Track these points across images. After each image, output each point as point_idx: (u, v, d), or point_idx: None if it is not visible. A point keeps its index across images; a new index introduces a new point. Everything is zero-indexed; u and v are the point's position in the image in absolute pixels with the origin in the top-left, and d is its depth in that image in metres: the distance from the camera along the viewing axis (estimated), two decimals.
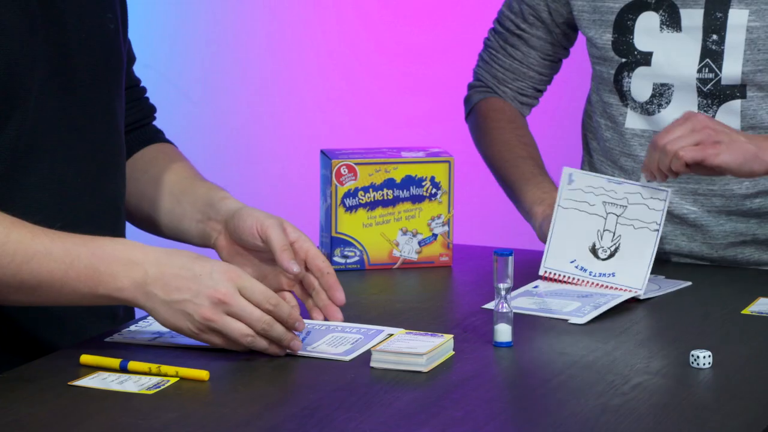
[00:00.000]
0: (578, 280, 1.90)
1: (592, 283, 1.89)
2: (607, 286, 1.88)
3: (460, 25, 3.28)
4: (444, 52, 3.29)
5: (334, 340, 1.68)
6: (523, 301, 1.84)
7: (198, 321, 1.60)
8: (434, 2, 3.30)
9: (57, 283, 1.60)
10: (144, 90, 1.96)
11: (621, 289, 1.87)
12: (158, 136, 1.94)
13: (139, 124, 1.93)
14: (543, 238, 2.01)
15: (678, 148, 1.84)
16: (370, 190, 2.00)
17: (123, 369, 1.58)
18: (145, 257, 1.61)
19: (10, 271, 1.59)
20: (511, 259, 1.70)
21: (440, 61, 3.29)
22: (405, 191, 2.01)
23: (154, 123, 1.97)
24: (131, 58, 1.91)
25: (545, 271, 1.92)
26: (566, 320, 1.78)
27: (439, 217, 2.03)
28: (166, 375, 1.57)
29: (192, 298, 1.60)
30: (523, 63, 2.16)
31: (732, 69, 1.99)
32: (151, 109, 1.96)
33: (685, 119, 1.88)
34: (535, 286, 1.90)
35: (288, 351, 1.64)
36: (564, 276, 1.91)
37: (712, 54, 1.99)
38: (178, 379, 1.56)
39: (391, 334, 1.68)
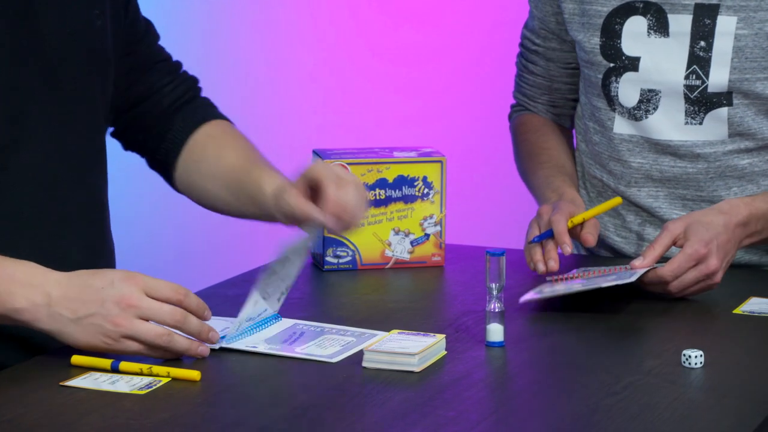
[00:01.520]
0: (586, 273, 1.90)
1: (599, 271, 1.89)
2: (615, 269, 1.88)
3: (453, 25, 3.28)
4: (436, 52, 3.29)
5: (324, 342, 1.68)
6: (556, 287, 1.83)
7: (110, 330, 1.58)
8: (426, 3, 3.30)
9: None
10: (179, 64, 1.93)
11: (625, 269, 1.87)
12: (208, 112, 1.92)
13: (185, 98, 1.91)
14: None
15: (688, 292, 1.86)
16: None
17: (114, 369, 1.58)
18: (45, 279, 1.59)
19: None
20: (503, 259, 1.70)
21: (433, 61, 3.29)
22: (397, 191, 2.01)
23: (201, 95, 1.95)
24: (155, 35, 1.89)
25: (551, 277, 1.92)
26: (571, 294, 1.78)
27: (431, 216, 2.03)
28: (157, 375, 1.57)
29: (99, 310, 1.57)
30: (545, 77, 2.17)
31: (719, 76, 1.99)
32: (193, 80, 1.94)
33: (696, 260, 1.84)
34: (548, 280, 1.89)
35: (271, 350, 1.64)
36: (569, 274, 1.91)
37: (699, 61, 1.99)
38: (169, 379, 1.56)
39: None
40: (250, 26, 3.36)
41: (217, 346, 1.64)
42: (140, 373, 1.57)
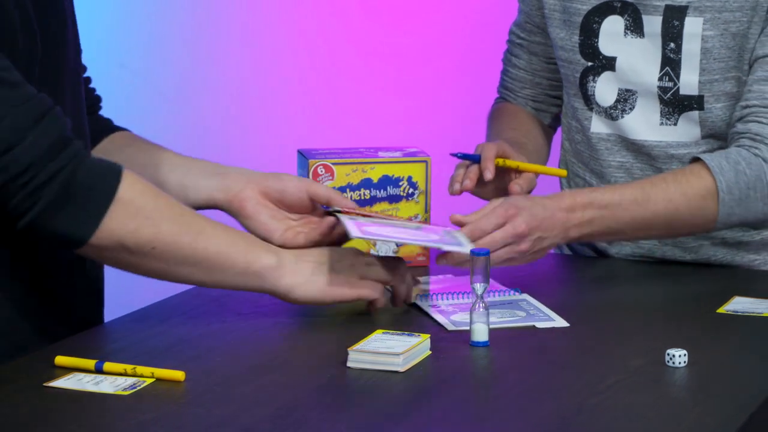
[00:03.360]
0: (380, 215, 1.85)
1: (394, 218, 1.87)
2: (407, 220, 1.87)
3: (438, 26, 3.28)
4: (422, 53, 3.29)
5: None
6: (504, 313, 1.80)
7: (351, 278, 1.74)
8: (412, 3, 3.30)
9: (222, 256, 1.68)
10: (89, 79, 1.96)
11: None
12: (110, 125, 1.94)
13: (89, 111, 1.92)
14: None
15: (495, 257, 1.80)
16: (347, 190, 2.00)
17: (98, 370, 1.57)
18: (279, 250, 1.73)
19: (187, 243, 1.66)
20: (487, 259, 1.70)
21: (418, 61, 3.29)
22: (382, 191, 2.01)
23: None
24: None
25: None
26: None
27: (416, 217, 2.03)
28: (141, 376, 1.56)
29: (337, 260, 1.73)
30: (528, 71, 2.17)
31: (689, 78, 1.99)
32: (98, 99, 1.96)
33: (504, 219, 1.82)
34: (433, 304, 1.82)
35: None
36: (361, 211, 1.85)
37: (671, 62, 2.00)
38: (153, 379, 1.56)
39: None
40: (235, 25, 3.36)
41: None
42: (124, 374, 1.57)
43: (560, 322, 1.77)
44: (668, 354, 1.63)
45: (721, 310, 1.84)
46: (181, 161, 1.88)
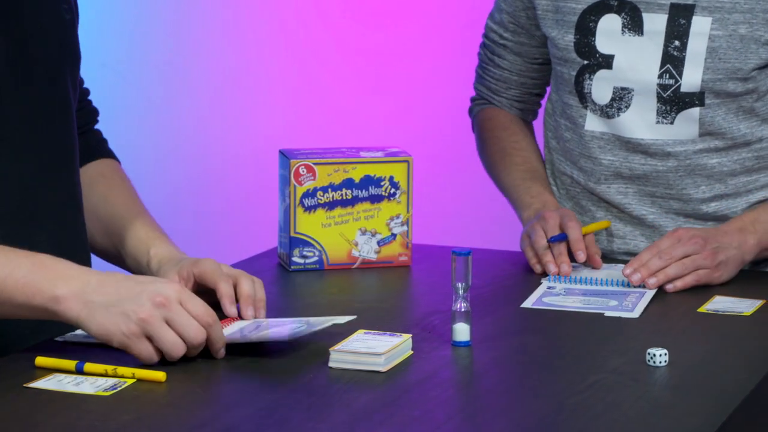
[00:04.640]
0: (580, 284, 1.91)
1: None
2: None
3: (420, 26, 3.29)
4: (404, 53, 3.29)
5: (278, 323, 1.67)
6: (558, 299, 1.84)
7: (133, 323, 1.57)
8: (393, 3, 3.30)
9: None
10: (87, 91, 1.94)
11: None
12: (100, 148, 1.92)
13: (81, 130, 1.90)
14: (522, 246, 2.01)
15: (695, 267, 1.90)
16: (329, 190, 2.00)
17: (79, 371, 1.57)
18: (85, 273, 1.60)
19: None
20: (469, 258, 1.70)
21: (400, 61, 3.29)
22: (364, 191, 2.02)
23: (97, 127, 1.95)
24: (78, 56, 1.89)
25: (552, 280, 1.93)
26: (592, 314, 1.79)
27: (397, 216, 2.03)
28: (122, 376, 1.56)
29: (134, 298, 1.57)
30: (512, 71, 2.17)
31: (692, 76, 2.00)
32: (94, 113, 1.94)
33: (682, 240, 1.91)
34: (550, 287, 1.90)
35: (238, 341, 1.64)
36: (569, 285, 1.91)
37: (673, 60, 2.00)
38: (134, 380, 1.56)
39: (337, 323, 1.67)
40: (216, 25, 3.36)
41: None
42: (105, 374, 1.56)
43: (636, 313, 1.80)
44: (649, 353, 1.63)
45: (701, 309, 1.85)
46: (146, 235, 1.81)
